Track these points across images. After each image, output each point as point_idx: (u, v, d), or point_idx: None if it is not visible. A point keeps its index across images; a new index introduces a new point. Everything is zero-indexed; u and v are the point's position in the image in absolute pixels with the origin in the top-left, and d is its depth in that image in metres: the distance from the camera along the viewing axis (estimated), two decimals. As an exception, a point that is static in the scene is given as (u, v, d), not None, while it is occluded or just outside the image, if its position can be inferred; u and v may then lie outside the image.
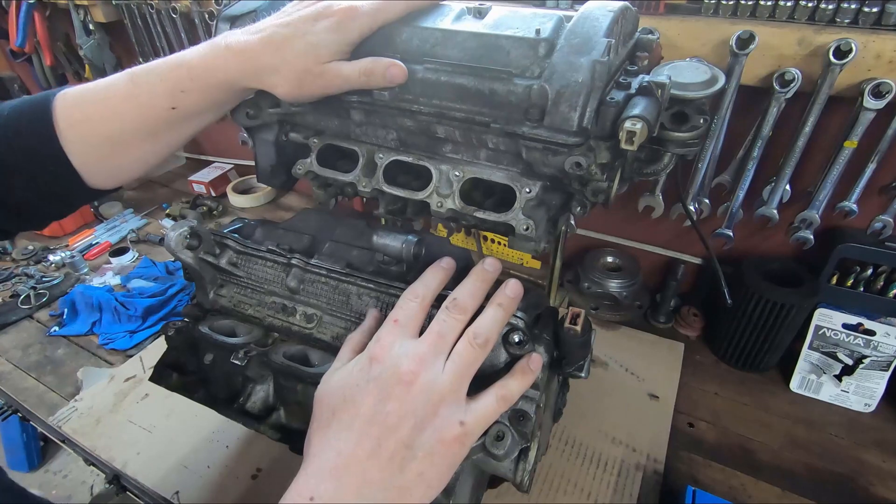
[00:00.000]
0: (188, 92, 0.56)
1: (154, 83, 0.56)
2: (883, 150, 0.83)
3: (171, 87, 0.56)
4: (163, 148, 0.62)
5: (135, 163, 0.62)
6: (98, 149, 0.58)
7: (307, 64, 0.54)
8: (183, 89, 0.56)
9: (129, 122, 0.57)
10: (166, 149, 0.62)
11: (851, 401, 0.96)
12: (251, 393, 0.67)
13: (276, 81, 0.56)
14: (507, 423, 0.55)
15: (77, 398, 0.98)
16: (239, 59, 0.55)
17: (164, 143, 0.61)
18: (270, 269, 0.70)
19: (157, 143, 0.60)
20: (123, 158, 0.60)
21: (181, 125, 0.60)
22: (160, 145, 0.61)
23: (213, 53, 0.55)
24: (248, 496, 0.81)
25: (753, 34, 0.79)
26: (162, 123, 0.58)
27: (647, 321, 1.16)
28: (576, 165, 0.52)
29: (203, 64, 0.55)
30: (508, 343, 0.55)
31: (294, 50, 0.54)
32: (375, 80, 0.56)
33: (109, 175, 0.61)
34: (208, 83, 0.56)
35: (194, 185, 1.67)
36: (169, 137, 0.61)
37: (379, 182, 0.62)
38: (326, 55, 0.55)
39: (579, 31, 0.53)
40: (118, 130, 0.57)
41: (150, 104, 0.56)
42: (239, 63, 0.55)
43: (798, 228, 0.94)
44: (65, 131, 0.56)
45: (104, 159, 0.59)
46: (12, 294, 1.24)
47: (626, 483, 0.83)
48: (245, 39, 0.55)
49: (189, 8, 1.31)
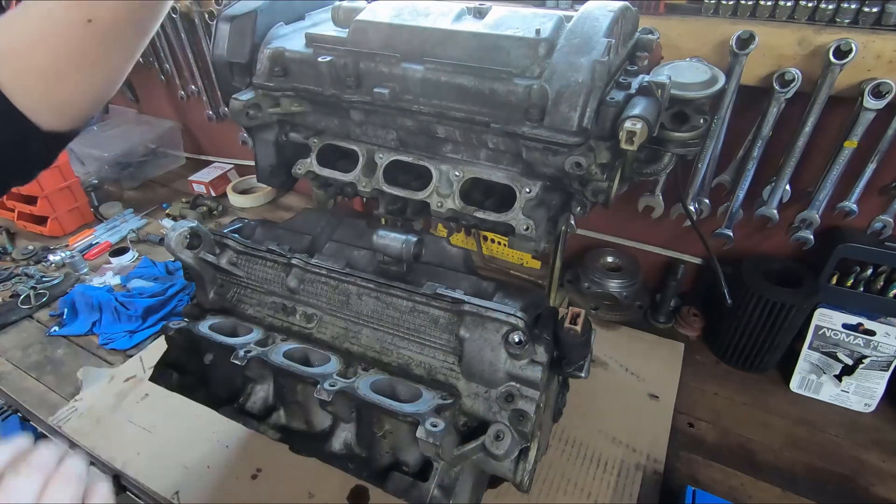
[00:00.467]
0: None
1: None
2: (883, 150, 0.83)
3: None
4: (98, 76, 0.59)
5: (75, 95, 0.60)
6: (33, 83, 0.56)
7: None
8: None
9: (52, 46, 0.55)
10: (102, 78, 0.60)
11: (851, 401, 0.96)
12: (251, 393, 0.67)
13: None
14: (507, 423, 0.55)
15: (77, 398, 0.98)
16: None
17: (97, 69, 0.59)
18: (270, 269, 0.70)
19: (88, 69, 0.58)
20: (62, 90, 0.58)
21: (108, 46, 0.57)
22: (94, 73, 0.59)
23: None
24: (248, 496, 0.81)
25: (753, 34, 0.79)
26: (85, 43, 0.55)
27: (647, 321, 1.16)
28: (576, 165, 0.52)
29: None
30: (508, 343, 0.55)
31: None
32: None
33: (56, 112, 0.59)
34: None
35: (194, 185, 1.67)
36: (101, 62, 0.58)
37: (379, 182, 0.62)
38: None
39: (579, 31, 0.53)
40: (44, 58, 0.55)
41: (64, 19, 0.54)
42: None
43: (798, 228, 0.94)
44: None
45: (43, 94, 0.57)
46: (12, 294, 1.24)
47: (626, 483, 0.83)
48: None
49: (189, 8, 1.31)
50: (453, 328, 0.59)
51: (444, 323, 0.61)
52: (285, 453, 0.65)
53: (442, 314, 0.61)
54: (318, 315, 0.67)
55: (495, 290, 0.62)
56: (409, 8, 0.61)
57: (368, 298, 0.64)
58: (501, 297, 0.61)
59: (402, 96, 0.58)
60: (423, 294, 0.60)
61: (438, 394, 0.57)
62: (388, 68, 0.59)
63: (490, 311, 0.56)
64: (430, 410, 0.54)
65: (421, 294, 0.61)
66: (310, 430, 0.65)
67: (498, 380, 0.57)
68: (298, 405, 0.65)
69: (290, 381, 0.64)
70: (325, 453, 0.61)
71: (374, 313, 0.64)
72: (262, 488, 0.82)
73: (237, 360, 0.62)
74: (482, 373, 0.57)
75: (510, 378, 0.57)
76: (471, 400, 0.58)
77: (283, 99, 0.65)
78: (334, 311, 0.66)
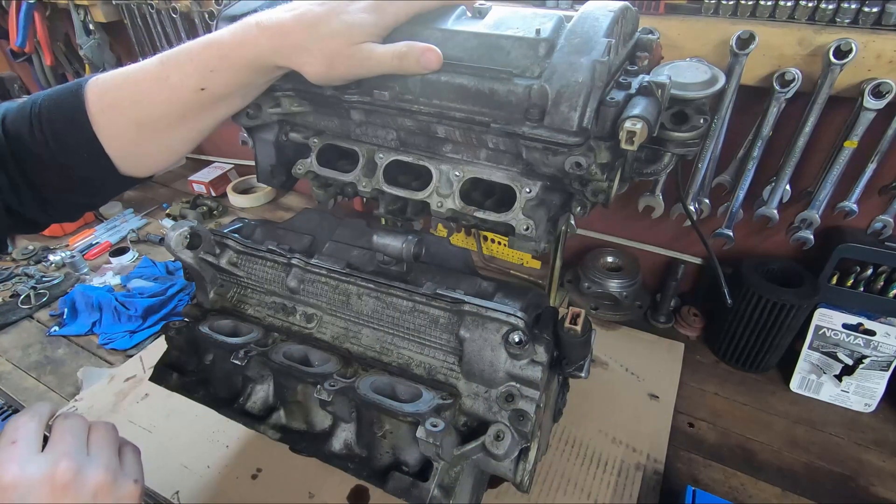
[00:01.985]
0: (217, 71, 0.55)
1: (183, 62, 0.56)
2: (883, 150, 0.83)
3: (200, 67, 0.55)
4: (191, 134, 0.62)
5: (165, 149, 0.62)
6: (128, 134, 0.58)
7: (340, 44, 0.53)
8: (212, 69, 0.55)
9: (159, 104, 0.57)
10: (195, 135, 0.62)
11: (851, 401, 0.96)
12: (251, 393, 0.67)
13: (306, 60, 0.55)
14: (507, 423, 0.55)
15: (77, 398, 0.98)
16: (270, 35, 0.54)
17: (193, 128, 0.61)
18: (270, 269, 0.70)
19: (185, 128, 0.60)
20: (153, 144, 0.60)
21: (210, 109, 0.59)
22: (189, 131, 0.61)
23: (243, 31, 0.55)
24: (248, 496, 0.81)
25: (753, 34, 0.79)
26: (191, 106, 0.58)
27: (647, 321, 1.16)
28: (576, 165, 0.52)
29: (233, 41, 0.55)
30: (508, 343, 0.55)
31: (328, 28, 0.53)
32: (409, 65, 0.55)
33: (140, 162, 0.61)
34: (238, 61, 0.55)
35: (194, 185, 1.67)
36: (198, 122, 0.60)
37: (379, 182, 0.62)
38: (360, 36, 0.54)
39: (579, 31, 0.53)
40: (147, 114, 0.57)
41: (180, 85, 0.56)
42: (270, 40, 0.54)
43: (798, 228, 0.94)
44: (96, 116, 0.56)
45: (135, 145, 0.59)
46: (12, 294, 1.24)
47: (626, 483, 0.83)
48: (278, 16, 0.54)
49: (189, 8, 1.31)
50: (453, 328, 0.59)
51: (445, 323, 0.61)
52: (285, 453, 0.65)
53: (442, 314, 0.61)
54: (319, 315, 0.67)
55: (495, 290, 0.62)
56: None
57: (368, 298, 0.64)
58: (501, 297, 0.61)
59: (402, 96, 0.58)
60: (423, 294, 0.60)
61: (438, 394, 0.57)
62: (388, 68, 0.59)
63: (490, 311, 0.56)
64: (430, 410, 0.54)
65: (421, 294, 0.61)
66: (310, 430, 0.65)
67: (498, 380, 0.57)
68: (298, 405, 0.65)
69: (291, 381, 0.64)
70: (325, 453, 0.61)
71: (374, 313, 0.64)
72: (262, 488, 0.82)
73: (237, 360, 0.62)
74: (482, 373, 0.57)
75: (510, 378, 0.57)
76: (471, 400, 0.58)
77: (283, 99, 0.65)
78: (334, 311, 0.66)
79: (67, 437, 0.51)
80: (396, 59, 0.54)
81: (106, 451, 0.52)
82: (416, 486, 0.55)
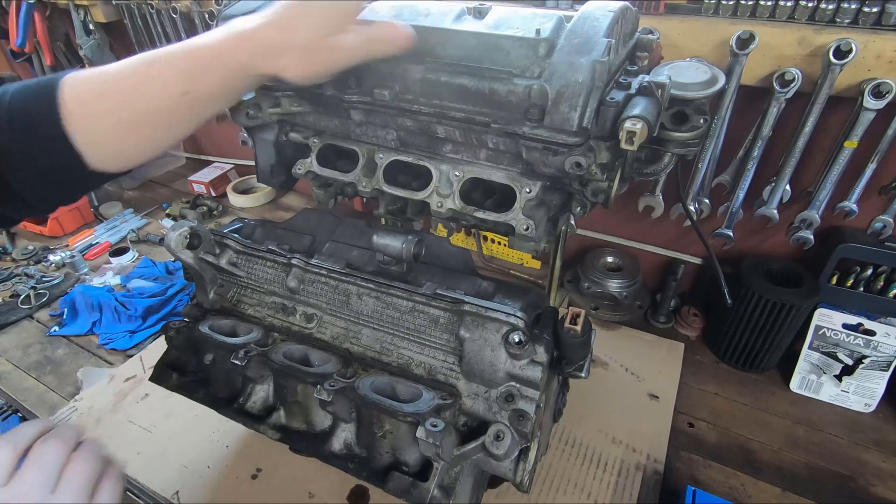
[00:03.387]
0: (200, 77, 0.56)
1: (167, 67, 0.56)
2: (883, 150, 0.83)
3: (184, 71, 0.55)
4: (170, 135, 0.61)
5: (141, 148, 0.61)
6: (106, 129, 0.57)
7: (311, 40, 0.54)
8: (195, 74, 0.56)
9: (141, 104, 0.57)
10: (176, 133, 0.62)
11: (851, 401, 0.96)
12: (251, 393, 0.67)
13: (284, 63, 0.55)
14: (507, 423, 0.55)
15: (77, 398, 0.98)
16: (247, 42, 0.54)
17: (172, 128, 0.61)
18: (270, 269, 0.70)
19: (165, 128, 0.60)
20: (130, 142, 0.60)
21: (191, 112, 0.59)
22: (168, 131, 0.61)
23: (224, 38, 0.55)
24: (248, 496, 0.81)
25: (753, 34, 0.79)
26: (173, 108, 0.58)
27: (647, 321, 1.16)
28: (576, 165, 0.52)
29: (214, 49, 0.55)
30: (508, 343, 0.55)
31: (298, 27, 0.53)
32: (379, 48, 0.55)
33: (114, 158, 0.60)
34: (220, 68, 0.56)
35: (194, 185, 1.67)
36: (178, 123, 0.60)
37: (379, 182, 0.62)
38: (327, 29, 0.54)
39: (579, 31, 0.53)
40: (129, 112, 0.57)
41: (163, 86, 0.56)
42: (248, 46, 0.55)
43: (798, 228, 0.94)
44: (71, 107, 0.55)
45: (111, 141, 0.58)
46: (12, 294, 1.24)
47: (626, 483, 0.83)
48: (253, 23, 0.54)
49: (189, 8, 1.31)
50: (453, 328, 0.59)
51: (445, 323, 0.61)
52: (285, 453, 0.65)
53: (442, 314, 0.61)
54: (318, 315, 0.68)
55: (495, 290, 0.62)
56: (409, 8, 0.61)
57: (368, 298, 0.64)
58: (501, 297, 0.61)
59: (402, 96, 0.58)
60: (423, 294, 0.60)
61: (438, 394, 0.58)
62: (388, 68, 0.59)
63: (490, 311, 0.56)
64: (430, 410, 0.54)
65: (421, 294, 0.61)
66: (310, 430, 0.65)
67: (498, 380, 0.57)
68: (298, 405, 0.65)
69: (290, 381, 0.64)
70: (325, 453, 0.61)
71: (374, 313, 0.64)
72: (262, 488, 0.82)
73: (237, 360, 0.62)
74: (482, 373, 0.57)
75: (510, 378, 0.57)
76: (471, 400, 0.58)
77: (282, 99, 0.65)
78: (334, 311, 0.66)
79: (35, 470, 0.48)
80: (366, 43, 0.54)
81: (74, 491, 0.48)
82: (416, 486, 0.55)
